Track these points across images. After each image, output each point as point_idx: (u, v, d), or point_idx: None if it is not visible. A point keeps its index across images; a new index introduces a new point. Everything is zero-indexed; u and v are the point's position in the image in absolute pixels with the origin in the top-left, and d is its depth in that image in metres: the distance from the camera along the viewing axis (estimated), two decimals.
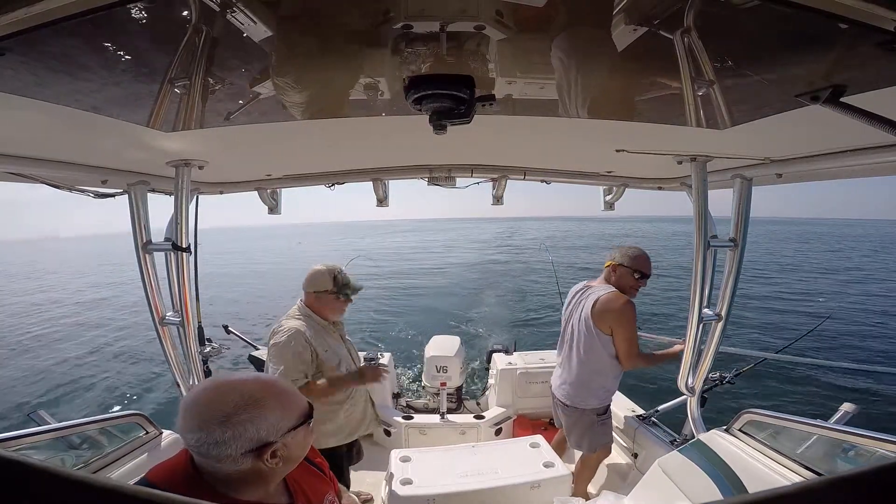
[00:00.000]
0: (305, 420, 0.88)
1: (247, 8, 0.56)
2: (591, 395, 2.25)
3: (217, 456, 0.76)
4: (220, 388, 0.80)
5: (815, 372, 6.87)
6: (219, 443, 0.75)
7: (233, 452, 0.76)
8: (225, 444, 0.75)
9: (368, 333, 9.68)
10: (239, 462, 0.78)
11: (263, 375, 0.91)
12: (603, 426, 2.30)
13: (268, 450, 0.79)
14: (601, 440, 2.32)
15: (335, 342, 2.02)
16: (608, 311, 2.12)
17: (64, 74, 0.71)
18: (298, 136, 1.33)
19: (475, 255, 29.94)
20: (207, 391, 0.80)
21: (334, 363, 1.95)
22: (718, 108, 0.94)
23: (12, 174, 1.35)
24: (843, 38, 0.58)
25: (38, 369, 8.26)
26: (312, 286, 1.97)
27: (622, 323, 2.10)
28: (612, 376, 2.24)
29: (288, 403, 0.85)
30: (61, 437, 1.55)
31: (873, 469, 0.24)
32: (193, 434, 0.76)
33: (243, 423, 0.77)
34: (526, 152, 1.81)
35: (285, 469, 0.88)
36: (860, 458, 1.38)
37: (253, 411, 0.78)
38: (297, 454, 0.89)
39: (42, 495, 0.23)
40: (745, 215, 1.74)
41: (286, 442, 0.83)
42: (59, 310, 14.83)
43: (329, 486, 1.12)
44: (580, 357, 2.23)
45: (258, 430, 0.78)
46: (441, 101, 0.81)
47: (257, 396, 0.80)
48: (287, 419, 0.83)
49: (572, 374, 2.28)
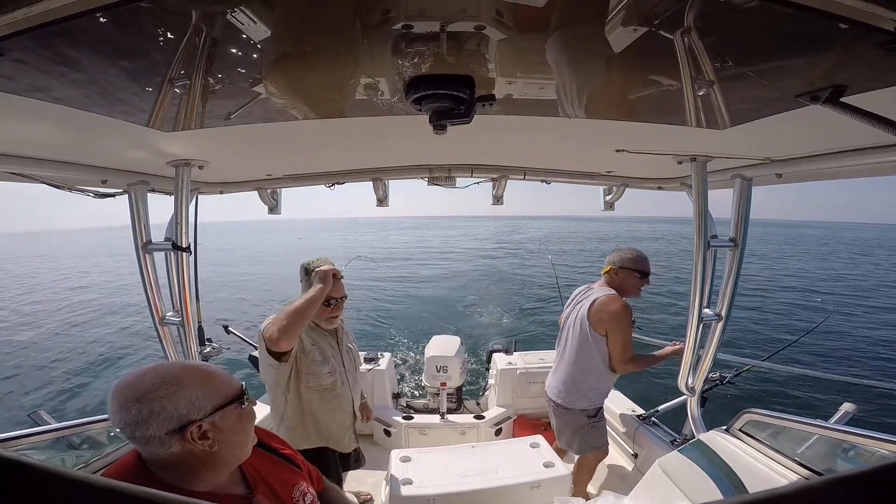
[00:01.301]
0: (235, 400, 0.86)
1: (247, 8, 0.56)
2: (581, 395, 2.26)
3: (142, 437, 0.76)
4: (141, 371, 0.81)
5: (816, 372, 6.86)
6: (138, 422, 0.75)
7: (155, 432, 0.76)
8: (144, 422, 0.75)
9: (368, 333, 9.68)
10: (166, 443, 0.77)
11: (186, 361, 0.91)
12: (594, 429, 2.30)
13: (190, 428, 0.78)
14: (593, 443, 2.31)
15: (326, 344, 1.86)
16: (605, 312, 2.13)
17: (64, 75, 0.71)
18: (298, 136, 1.33)
19: (476, 254, 29.95)
20: (129, 374, 0.81)
21: (317, 358, 1.78)
22: (718, 108, 0.94)
23: (12, 174, 1.35)
24: (843, 38, 0.58)
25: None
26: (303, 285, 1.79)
27: (618, 325, 2.11)
28: (603, 377, 2.24)
29: (210, 382, 0.84)
30: (61, 437, 1.55)
31: (873, 469, 0.24)
32: (116, 416, 0.77)
33: (159, 400, 0.77)
34: (526, 152, 1.81)
35: (228, 453, 0.87)
36: (860, 458, 1.38)
37: (168, 388, 0.78)
38: (235, 437, 0.87)
39: (42, 495, 0.23)
40: (745, 215, 1.74)
41: (214, 422, 0.82)
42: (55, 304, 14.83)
43: (301, 477, 1.09)
44: (572, 356, 2.25)
45: (176, 408, 0.78)
46: (441, 101, 0.81)
47: (174, 374, 0.81)
48: (209, 397, 0.82)
49: (564, 374, 2.31)
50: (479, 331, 9.77)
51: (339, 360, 1.91)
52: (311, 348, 1.79)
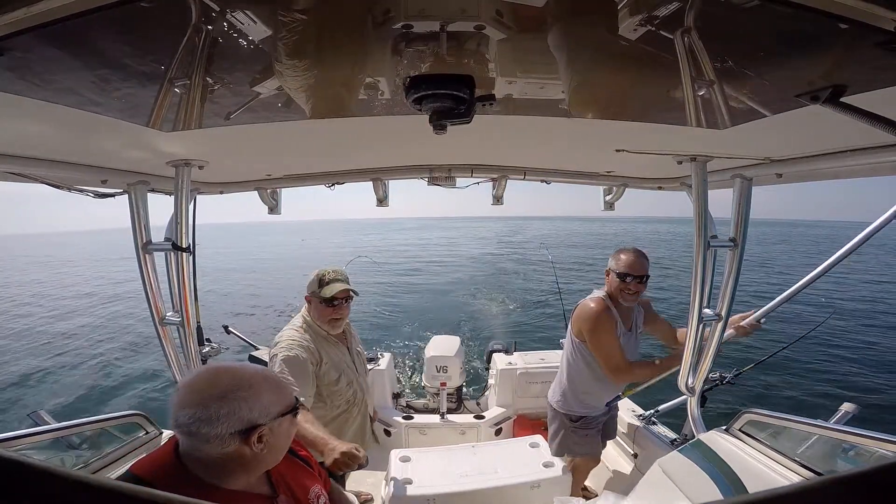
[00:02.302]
0: (292, 411, 0.93)
1: (247, 8, 0.56)
2: (564, 397, 2.26)
3: (206, 435, 0.79)
4: (217, 370, 0.86)
5: (815, 372, 6.87)
6: (212, 419, 0.79)
7: (222, 431, 0.79)
8: (219, 420, 0.79)
9: (368, 333, 9.69)
10: (226, 443, 0.80)
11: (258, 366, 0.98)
12: (576, 435, 2.24)
13: (256, 432, 0.83)
14: (574, 449, 2.26)
15: (338, 355, 1.87)
16: (579, 317, 2.12)
17: (64, 74, 0.71)
18: (298, 136, 1.33)
19: (477, 254, 29.95)
20: (207, 372, 0.86)
21: (333, 378, 1.81)
22: (718, 108, 0.94)
23: (12, 174, 1.35)
24: (843, 38, 0.58)
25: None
26: (307, 290, 1.84)
27: (591, 331, 2.06)
28: (589, 385, 2.17)
29: (279, 391, 0.91)
30: (61, 437, 1.55)
31: (873, 469, 0.24)
32: (188, 410, 0.79)
33: (238, 401, 0.81)
34: (526, 152, 1.80)
35: (269, 458, 0.91)
36: (860, 458, 1.38)
37: (248, 391, 0.83)
38: (282, 443, 0.92)
39: (42, 495, 0.23)
40: (745, 215, 1.74)
41: (273, 427, 0.87)
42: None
43: (316, 480, 1.12)
44: (563, 361, 2.28)
45: (251, 410, 0.83)
46: (441, 100, 0.80)
47: (251, 380, 0.86)
48: (277, 405, 0.88)
49: (557, 376, 2.34)
50: (479, 331, 9.77)
51: (352, 367, 1.92)
52: (327, 370, 1.79)
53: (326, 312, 1.80)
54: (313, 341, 1.79)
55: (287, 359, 1.70)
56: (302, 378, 1.70)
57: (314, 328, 1.83)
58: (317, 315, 1.83)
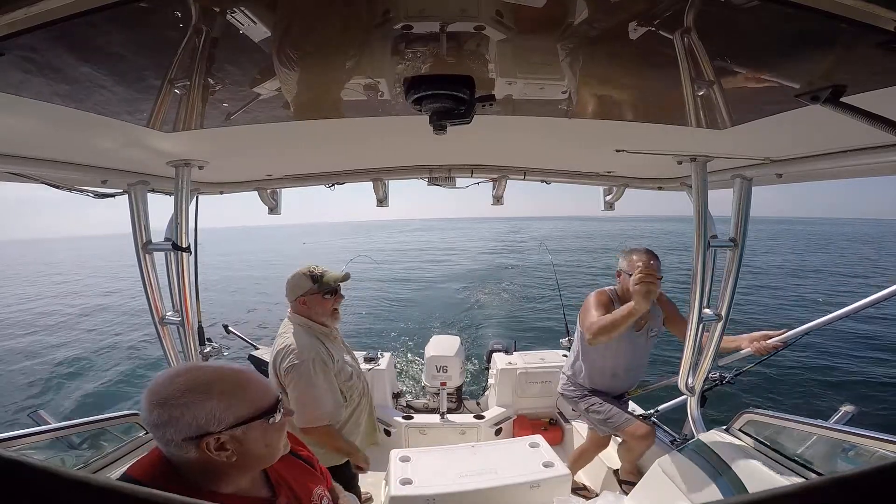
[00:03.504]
0: (263, 415, 0.83)
1: (247, 8, 0.56)
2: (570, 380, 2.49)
3: (161, 439, 0.77)
4: (179, 371, 0.80)
5: (815, 372, 6.87)
6: (157, 425, 0.76)
7: (172, 437, 0.76)
8: (163, 426, 0.75)
9: (369, 333, 9.69)
10: (183, 448, 0.77)
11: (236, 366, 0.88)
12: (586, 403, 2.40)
13: (207, 439, 0.76)
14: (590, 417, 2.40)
15: (340, 350, 1.88)
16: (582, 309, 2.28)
17: (64, 75, 0.71)
18: (298, 136, 1.33)
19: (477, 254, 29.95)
20: (166, 373, 0.80)
21: (347, 373, 1.82)
22: (718, 108, 0.94)
23: (12, 174, 1.35)
24: (843, 38, 0.58)
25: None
26: (294, 293, 1.79)
27: (584, 309, 2.22)
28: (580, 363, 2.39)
29: (241, 393, 0.82)
30: (61, 437, 1.55)
31: (873, 469, 0.24)
32: (142, 413, 0.77)
33: (179, 408, 0.75)
34: (526, 152, 1.81)
35: (249, 463, 0.85)
36: (860, 458, 1.38)
37: (192, 397, 0.76)
38: (258, 450, 0.84)
39: (42, 495, 0.23)
40: (745, 215, 1.74)
41: (236, 435, 0.79)
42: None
43: (319, 481, 1.10)
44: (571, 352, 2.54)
45: (196, 418, 0.76)
46: (441, 101, 0.81)
47: (205, 382, 0.78)
48: (233, 411, 0.79)
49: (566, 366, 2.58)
50: (479, 330, 9.77)
51: (350, 359, 1.96)
52: (341, 367, 1.80)
53: (328, 304, 1.80)
54: (319, 341, 1.77)
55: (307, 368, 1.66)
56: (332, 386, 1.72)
57: (315, 328, 1.80)
58: (319, 311, 1.80)
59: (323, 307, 1.79)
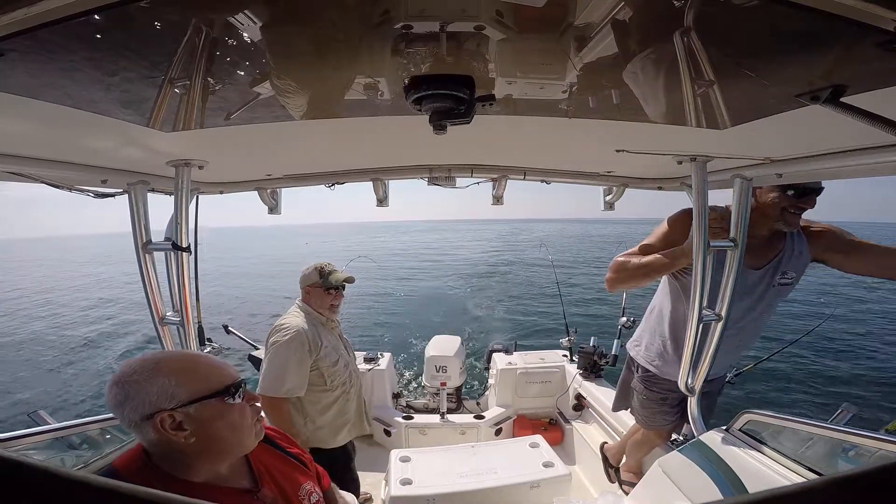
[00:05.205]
0: (221, 394, 0.83)
1: (247, 8, 0.56)
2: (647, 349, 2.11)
3: (124, 421, 0.79)
4: (138, 357, 0.83)
5: (815, 372, 6.87)
6: (116, 405, 0.78)
7: (131, 416, 0.78)
8: (121, 406, 0.78)
9: (369, 333, 9.68)
10: (142, 429, 0.78)
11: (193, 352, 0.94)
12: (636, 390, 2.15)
13: (160, 416, 0.77)
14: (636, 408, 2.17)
15: (334, 339, 2.08)
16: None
17: (64, 74, 0.71)
18: (298, 136, 1.33)
19: (478, 255, 29.96)
20: (128, 360, 0.83)
21: (333, 359, 1.99)
22: (718, 108, 0.94)
23: (12, 174, 1.35)
24: (843, 38, 0.58)
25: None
26: (304, 282, 2.08)
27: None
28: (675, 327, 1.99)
29: (191, 371, 0.82)
30: (61, 437, 1.55)
31: (873, 469, 0.24)
32: (105, 397, 0.80)
33: (132, 384, 0.78)
34: (526, 152, 1.81)
35: (217, 447, 0.84)
36: (860, 458, 1.38)
37: (143, 374, 0.79)
38: (221, 433, 0.83)
39: (42, 495, 0.23)
40: (745, 215, 1.74)
41: (190, 414, 0.79)
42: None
43: (309, 477, 1.09)
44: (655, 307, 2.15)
45: (148, 394, 0.77)
46: (441, 101, 0.80)
47: (154, 360, 0.81)
48: (185, 387, 0.79)
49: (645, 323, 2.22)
50: (479, 330, 9.77)
51: (343, 351, 2.11)
52: (327, 352, 1.97)
53: (328, 299, 2.04)
54: (311, 324, 1.99)
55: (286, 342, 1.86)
56: (301, 369, 1.87)
57: (313, 315, 2.03)
58: (319, 303, 2.04)
59: (323, 300, 2.04)
